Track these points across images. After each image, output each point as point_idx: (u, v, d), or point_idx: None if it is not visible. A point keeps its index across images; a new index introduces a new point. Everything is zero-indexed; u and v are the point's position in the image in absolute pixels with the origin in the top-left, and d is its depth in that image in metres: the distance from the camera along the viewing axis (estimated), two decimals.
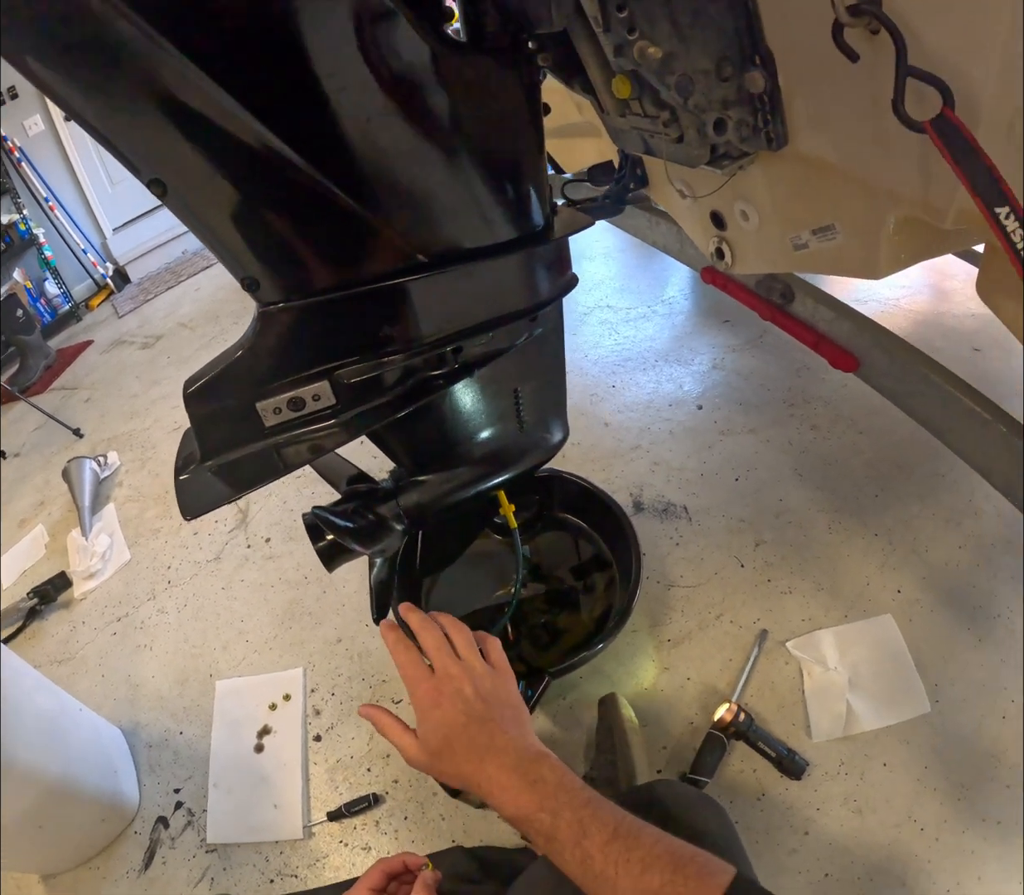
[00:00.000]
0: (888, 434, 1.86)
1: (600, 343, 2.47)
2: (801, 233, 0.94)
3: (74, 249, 4.76)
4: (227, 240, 0.69)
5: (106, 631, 2.01)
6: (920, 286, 2.40)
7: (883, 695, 1.38)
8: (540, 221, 0.83)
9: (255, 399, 0.76)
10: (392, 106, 0.62)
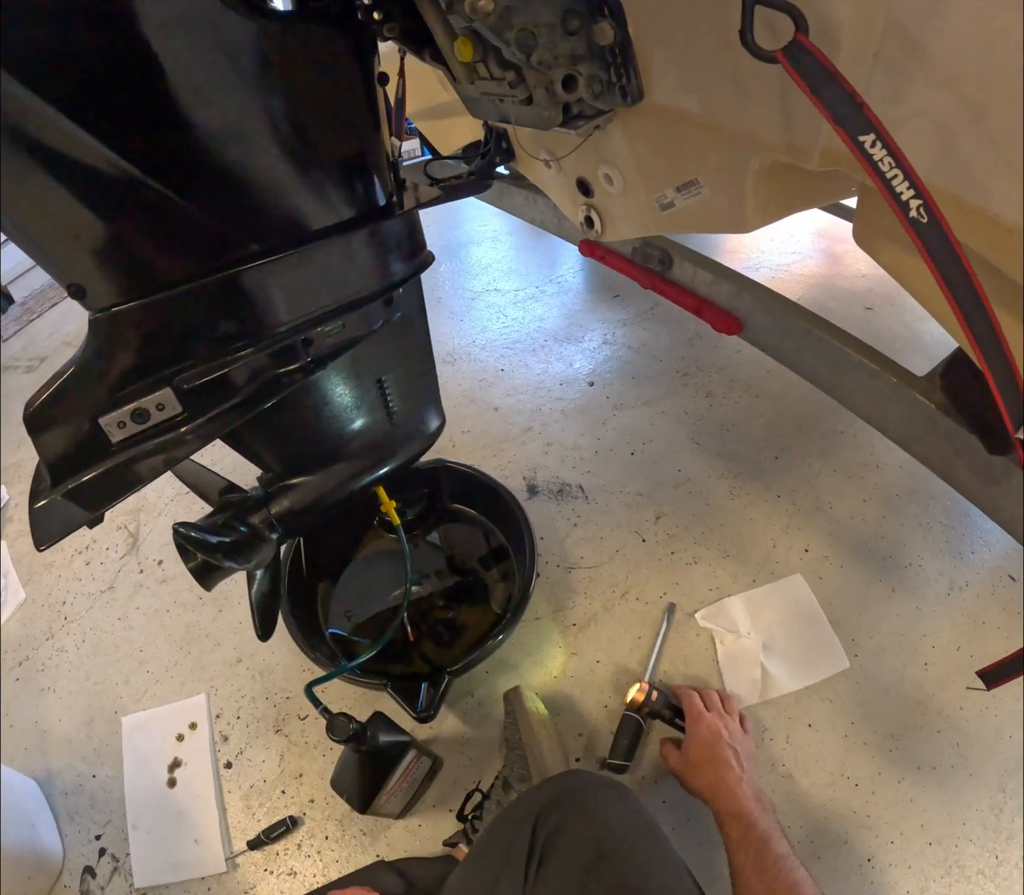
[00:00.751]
0: (784, 396, 1.88)
1: (487, 327, 2.44)
2: (666, 191, 0.94)
3: None
4: (44, 245, 0.65)
5: (8, 678, 1.89)
6: (811, 251, 2.44)
7: (799, 656, 1.38)
8: (382, 198, 0.80)
9: (97, 415, 0.71)
10: (203, 79, 0.57)
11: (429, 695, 1.20)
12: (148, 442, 0.73)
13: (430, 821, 1.29)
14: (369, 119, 0.75)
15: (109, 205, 0.61)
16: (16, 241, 0.65)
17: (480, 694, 1.43)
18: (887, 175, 0.52)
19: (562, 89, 0.75)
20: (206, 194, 0.63)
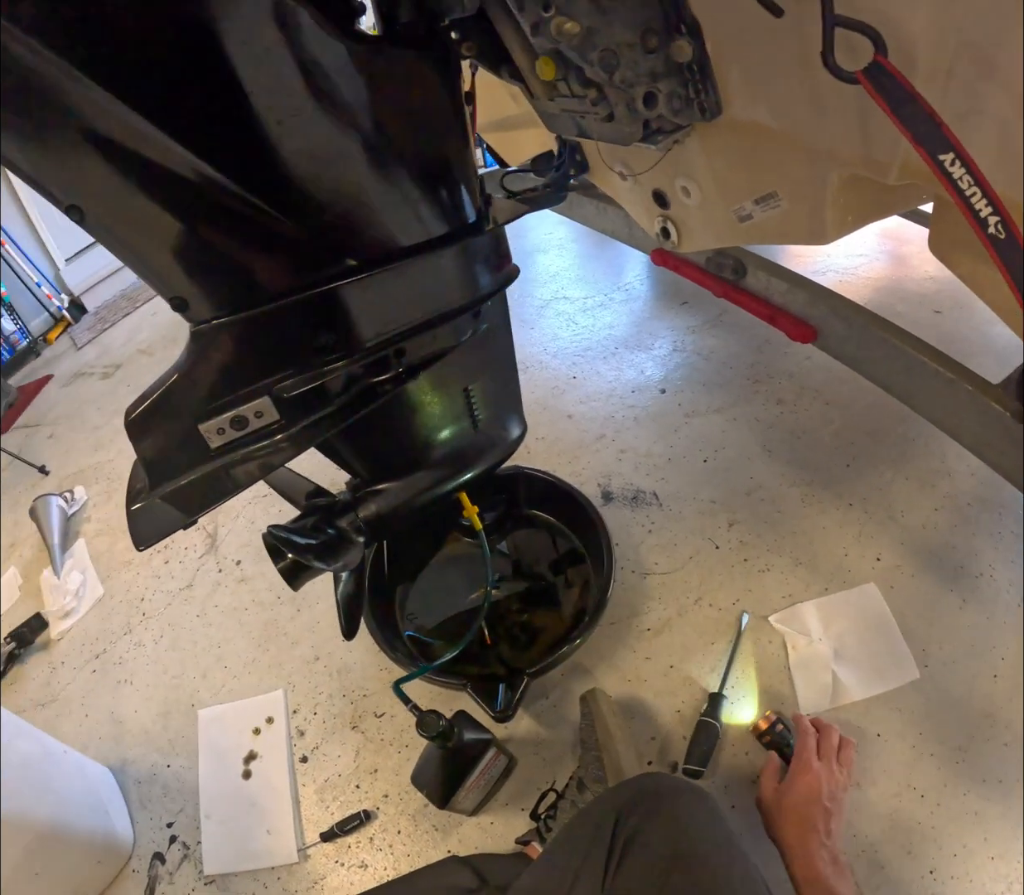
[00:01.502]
0: (855, 402, 1.85)
1: (558, 335, 2.45)
2: (744, 204, 0.94)
3: (28, 283, 4.69)
4: (150, 261, 0.68)
5: (85, 669, 1.96)
6: (877, 253, 2.39)
7: (870, 664, 1.36)
8: (472, 214, 0.81)
9: (197, 421, 0.74)
10: (304, 107, 0.59)
11: (507, 696, 1.23)
12: (245, 448, 0.76)
13: (502, 819, 1.31)
14: (459, 137, 0.77)
15: (214, 224, 0.64)
16: (122, 258, 0.68)
17: (555, 696, 1.44)
18: (966, 193, 0.52)
19: (643, 106, 0.77)
20: (307, 213, 0.65)
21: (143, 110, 0.52)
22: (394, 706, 1.51)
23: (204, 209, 0.62)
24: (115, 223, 0.64)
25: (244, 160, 0.59)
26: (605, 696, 1.32)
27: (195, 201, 0.61)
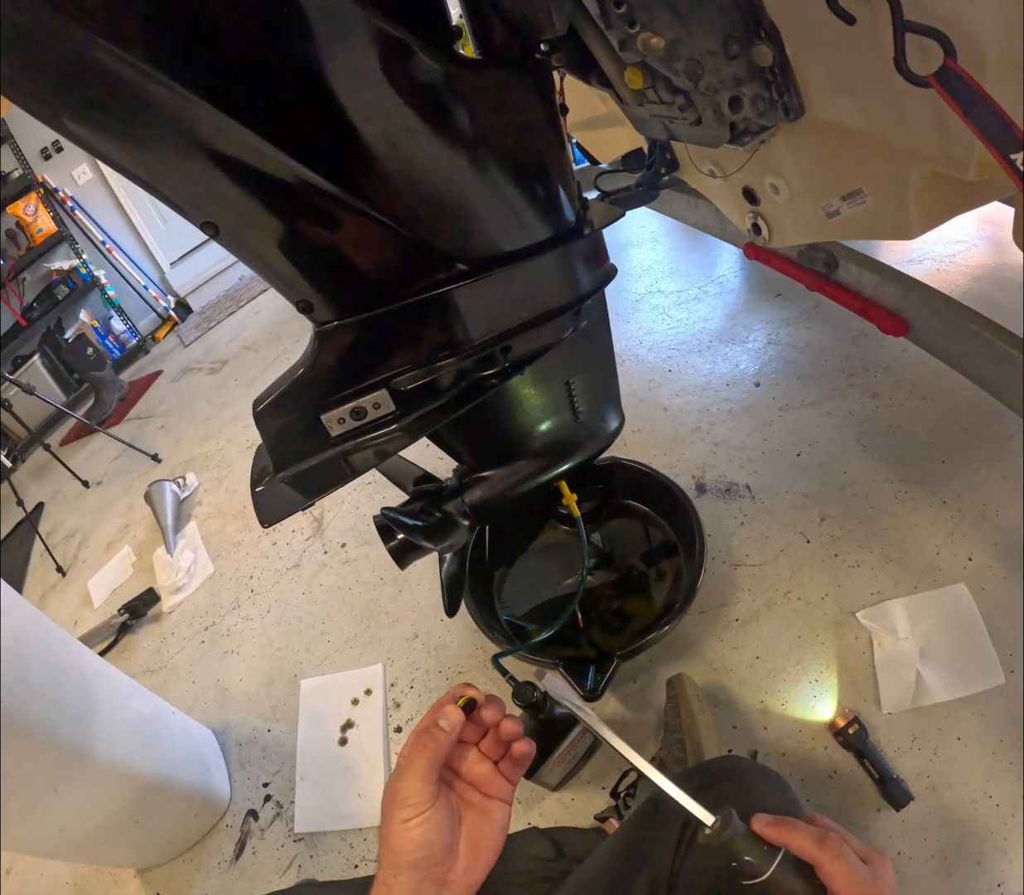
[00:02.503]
0: (952, 397, 1.81)
1: (654, 329, 2.46)
2: (831, 200, 0.94)
3: (135, 286, 4.99)
4: (279, 269, 0.73)
5: (194, 640, 2.09)
6: (975, 240, 2.32)
7: (956, 666, 1.35)
8: (572, 218, 0.85)
9: (319, 412, 0.80)
10: (416, 128, 0.64)
11: (596, 677, 1.27)
12: (363, 437, 0.82)
13: (583, 796, 1.35)
14: (557, 148, 0.80)
15: (337, 235, 0.69)
16: (252, 266, 0.74)
17: (642, 681, 1.48)
18: None
19: (729, 110, 0.78)
20: (421, 223, 0.70)
21: (266, 134, 0.58)
22: (488, 683, 1.56)
23: (328, 222, 0.68)
24: (247, 238, 0.70)
25: (363, 178, 0.65)
26: (691, 681, 1.35)
27: (319, 215, 0.67)
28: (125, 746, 1.38)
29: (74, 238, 4.60)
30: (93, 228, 4.71)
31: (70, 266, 4.57)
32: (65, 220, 4.57)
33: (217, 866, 1.51)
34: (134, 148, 0.61)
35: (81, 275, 4.63)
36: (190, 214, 0.66)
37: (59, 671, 1.32)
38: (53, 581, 2.74)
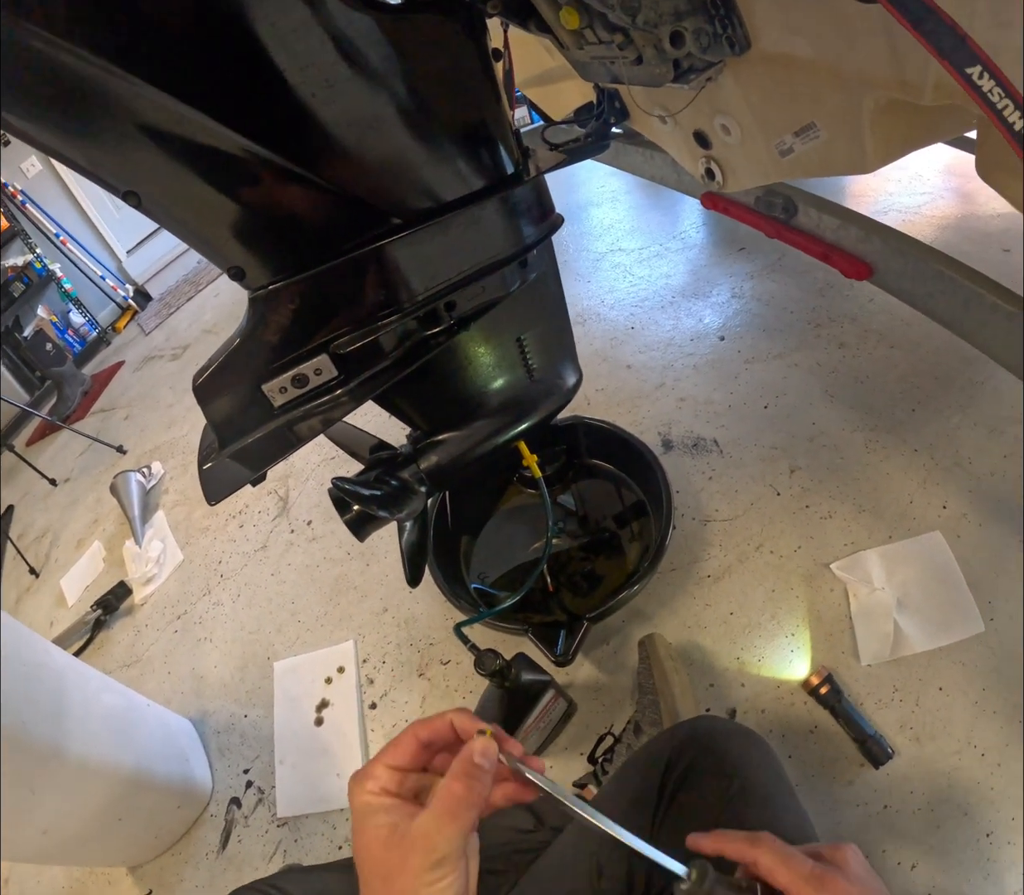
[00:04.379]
0: (921, 346, 1.80)
1: (615, 287, 2.44)
2: (784, 137, 0.91)
3: (92, 277, 4.90)
4: (205, 235, 0.71)
5: (167, 630, 2.07)
6: (941, 191, 2.31)
7: (934, 615, 1.33)
8: (510, 166, 0.82)
9: (260, 382, 0.77)
10: (337, 77, 0.61)
11: (567, 641, 1.24)
12: (307, 405, 0.79)
13: (561, 763, 1.33)
14: (490, 94, 0.76)
15: (262, 195, 0.66)
16: (179, 235, 0.71)
17: (615, 643, 1.46)
18: (998, 106, 0.50)
19: (670, 46, 0.76)
20: (350, 177, 0.67)
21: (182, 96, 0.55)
22: (460, 653, 1.55)
23: (251, 182, 0.64)
24: (170, 204, 0.67)
25: (284, 133, 0.62)
26: (663, 641, 1.33)
27: (242, 176, 0.63)
28: (100, 742, 1.36)
29: (27, 233, 4.51)
30: (46, 221, 4.62)
31: (24, 262, 4.48)
32: (16, 215, 4.48)
33: (205, 857, 1.49)
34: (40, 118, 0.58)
35: (36, 270, 4.53)
36: (109, 185, 0.63)
37: (30, 671, 1.31)
38: (27, 583, 2.71)
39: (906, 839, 1.11)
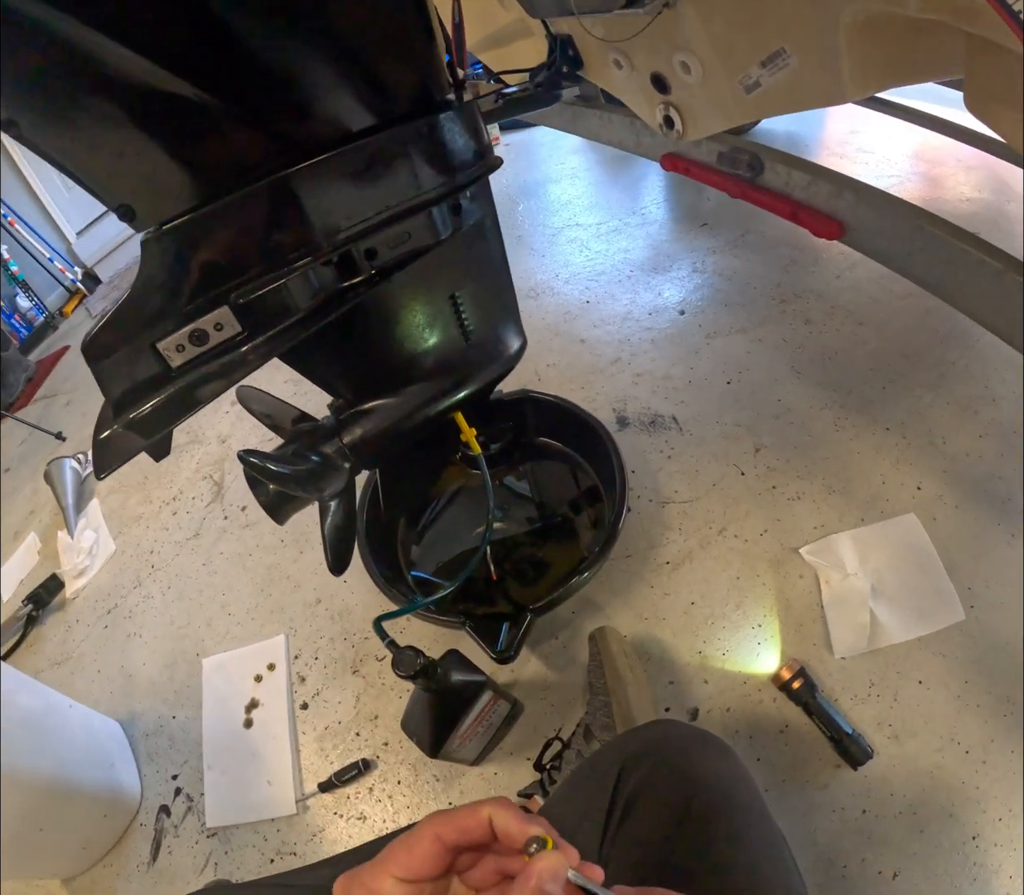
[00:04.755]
0: (891, 323, 1.78)
1: (570, 261, 2.43)
2: (749, 70, 0.89)
3: (40, 260, 4.76)
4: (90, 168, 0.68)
5: (98, 626, 1.97)
6: (908, 174, 2.33)
7: (911, 602, 1.29)
8: (438, 92, 0.75)
9: (155, 340, 0.69)
10: None
11: (509, 635, 1.15)
12: (208, 364, 0.72)
13: (506, 769, 1.26)
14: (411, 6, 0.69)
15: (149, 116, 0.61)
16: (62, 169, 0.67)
17: (565, 636, 1.39)
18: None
19: None
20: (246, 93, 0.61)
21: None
22: None
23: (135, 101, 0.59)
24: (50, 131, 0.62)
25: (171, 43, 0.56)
26: (616, 634, 1.25)
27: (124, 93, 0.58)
28: (14, 747, 1.27)
29: None
30: None
31: None
32: None
33: (136, 869, 1.41)
34: None
35: None
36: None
37: None
38: None
39: (887, 846, 1.06)
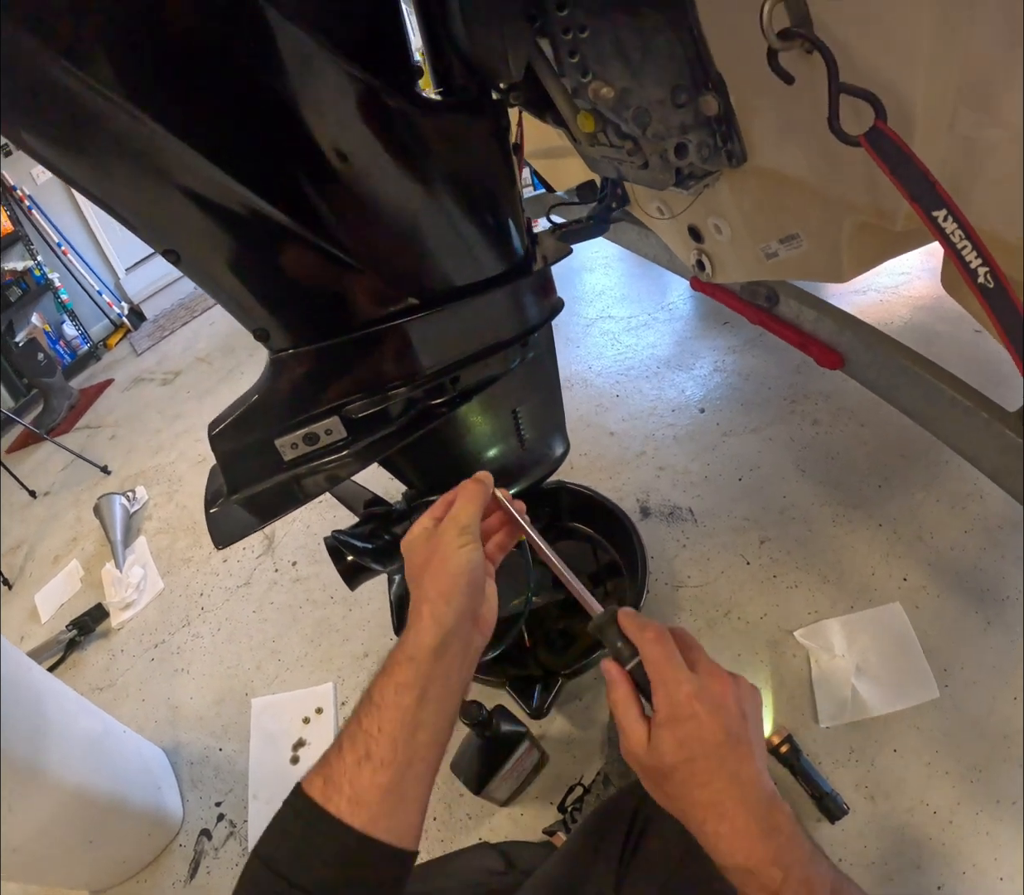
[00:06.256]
0: (890, 424, 1.86)
1: (603, 354, 2.51)
2: (770, 243, 0.98)
3: (89, 291, 4.88)
4: (238, 298, 0.76)
5: (144, 657, 2.07)
6: (919, 271, 2.39)
7: (891, 681, 1.40)
8: (521, 254, 0.88)
9: (273, 437, 0.82)
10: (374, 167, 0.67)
11: (542, 695, 1.30)
12: (315, 461, 0.85)
13: (532, 811, 1.37)
14: (509, 188, 0.84)
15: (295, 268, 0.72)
16: (211, 294, 0.77)
17: (588, 699, 1.51)
18: (957, 245, 0.56)
19: (675, 156, 0.82)
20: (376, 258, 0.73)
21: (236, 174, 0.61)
22: None
23: (287, 256, 0.70)
24: (207, 267, 0.73)
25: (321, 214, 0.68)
26: None
27: (279, 249, 0.69)
28: (77, 765, 1.37)
29: (29, 239, 4.50)
30: (50, 229, 4.62)
31: (24, 267, 4.46)
32: (22, 219, 4.47)
33: (171, 886, 1.49)
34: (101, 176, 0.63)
35: (35, 277, 4.52)
36: (153, 241, 0.69)
37: (9, 687, 1.31)
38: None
39: None
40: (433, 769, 0.63)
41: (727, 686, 0.61)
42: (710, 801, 0.57)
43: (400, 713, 0.61)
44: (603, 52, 0.72)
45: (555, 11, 0.70)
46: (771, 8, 0.58)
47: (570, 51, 0.73)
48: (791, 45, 0.59)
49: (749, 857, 0.55)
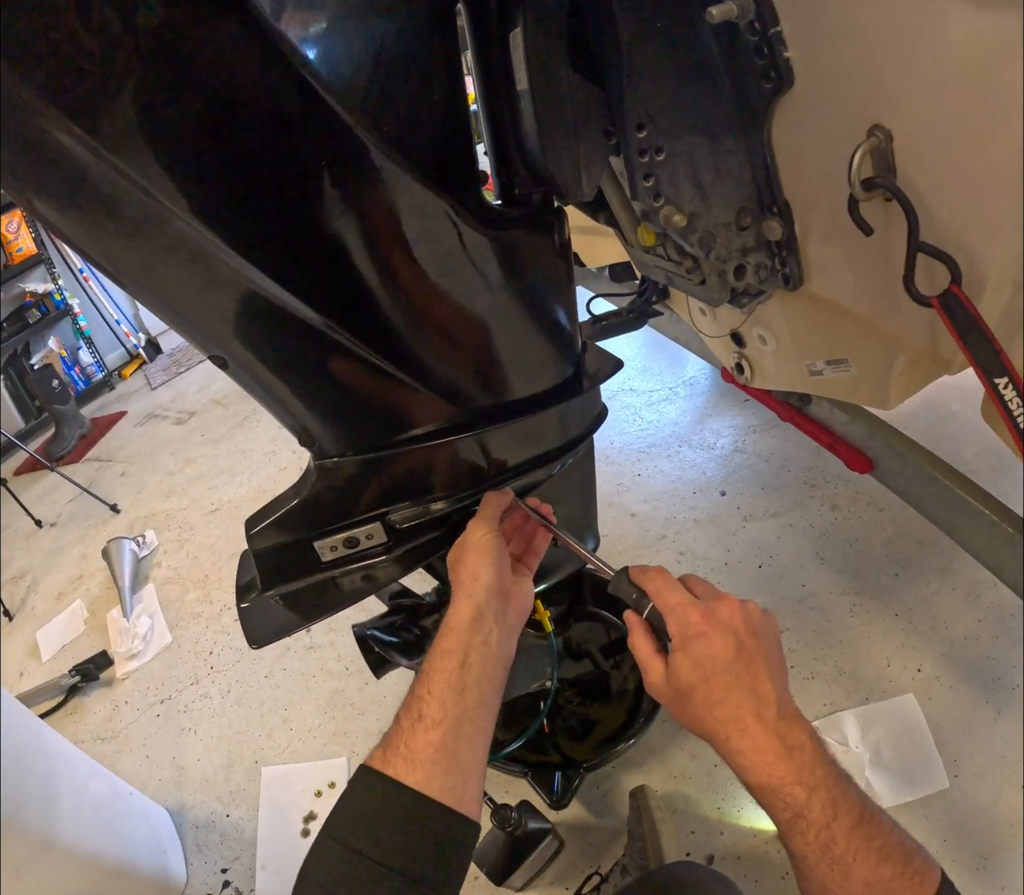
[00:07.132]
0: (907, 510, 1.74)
1: (625, 429, 2.51)
2: (816, 362, 0.99)
3: (107, 319, 4.90)
4: (286, 407, 0.77)
5: (149, 712, 2.05)
6: None
7: (903, 772, 1.42)
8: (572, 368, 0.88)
9: (313, 539, 0.83)
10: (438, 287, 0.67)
11: (563, 785, 1.31)
12: (354, 564, 0.86)
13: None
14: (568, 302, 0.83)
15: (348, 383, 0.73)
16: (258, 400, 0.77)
17: (605, 787, 1.51)
18: (1014, 413, 0.58)
19: (733, 277, 0.83)
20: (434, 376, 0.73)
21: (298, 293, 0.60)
22: None
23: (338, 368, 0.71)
24: (256, 376, 0.72)
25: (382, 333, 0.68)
26: (653, 793, 1.40)
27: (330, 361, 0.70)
28: (87, 830, 1.36)
29: (52, 262, 4.52)
30: (72, 254, 4.59)
31: (45, 290, 4.47)
32: (46, 243, 4.49)
33: None
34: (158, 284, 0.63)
35: (55, 301, 4.54)
36: (202, 346, 0.69)
37: (23, 752, 1.30)
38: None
39: None
40: (484, 735, 0.69)
41: (734, 607, 0.66)
42: (728, 717, 0.61)
43: (446, 675, 0.68)
44: (676, 175, 0.72)
45: (633, 132, 0.68)
46: (861, 157, 0.58)
47: (645, 174, 0.71)
48: (872, 195, 0.60)
49: (771, 775, 0.58)
